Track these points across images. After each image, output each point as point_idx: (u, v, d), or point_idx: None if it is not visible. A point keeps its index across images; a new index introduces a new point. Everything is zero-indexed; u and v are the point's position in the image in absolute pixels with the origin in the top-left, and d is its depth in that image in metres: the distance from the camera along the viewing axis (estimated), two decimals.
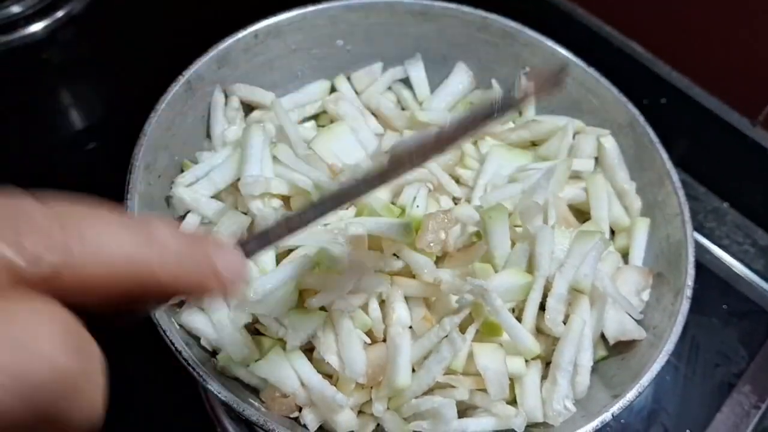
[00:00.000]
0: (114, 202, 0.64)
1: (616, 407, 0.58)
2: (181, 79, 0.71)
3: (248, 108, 0.80)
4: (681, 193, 0.71)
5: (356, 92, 0.83)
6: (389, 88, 0.85)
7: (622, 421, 0.80)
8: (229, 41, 0.75)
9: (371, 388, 0.62)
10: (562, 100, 0.83)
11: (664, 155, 0.74)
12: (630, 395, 0.59)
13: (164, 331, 0.58)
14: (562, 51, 0.81)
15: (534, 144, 0.81)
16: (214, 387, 0.56)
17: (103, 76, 1.03)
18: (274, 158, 0.69)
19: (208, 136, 0.76)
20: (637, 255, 0.74)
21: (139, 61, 1.01)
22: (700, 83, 0.99)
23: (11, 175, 0.83)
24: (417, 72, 0.84)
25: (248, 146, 0.68)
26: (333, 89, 0.84)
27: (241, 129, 0.72)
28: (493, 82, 0.84)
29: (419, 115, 0.78)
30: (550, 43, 0.81)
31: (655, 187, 0.75)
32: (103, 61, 1.03)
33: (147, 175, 0.66)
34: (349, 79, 0.84)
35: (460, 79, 0.83)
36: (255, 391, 0.64)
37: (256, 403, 0.62)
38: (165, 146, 0.70)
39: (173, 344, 0.58)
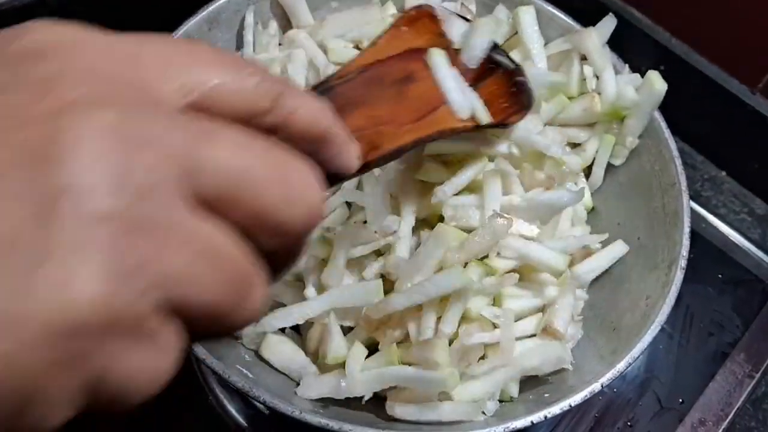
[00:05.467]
0: None
1: (605, 377, 0.58)
2: None
3: None
4: (678, 162, 0.71)
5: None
6: None
7: (614, 390, 0.80)
8: (220, 1, 0.73)
9: None
10: (563, 70, 0.81)
11: (662, 123, 0.73)
12: (620, 366, 0.59)
13: None
14: (561, 15, 0.79)
15: None
16: (200, 351, 0.56)
17: None
18: None
19: None
20: None
21: (132, 21, 0.98)
22: (699, 51, 0.98)
23: None
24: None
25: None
26: None
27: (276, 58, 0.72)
28: None
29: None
30: (548, 7, 0.79)
31: (652, 156, 0.74)
32: (94, 22, 1.01)
33: None
34: None
35: None
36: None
37: (245, 370, 0.61)
38: None
39: None
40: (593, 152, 0.76)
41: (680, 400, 0.80)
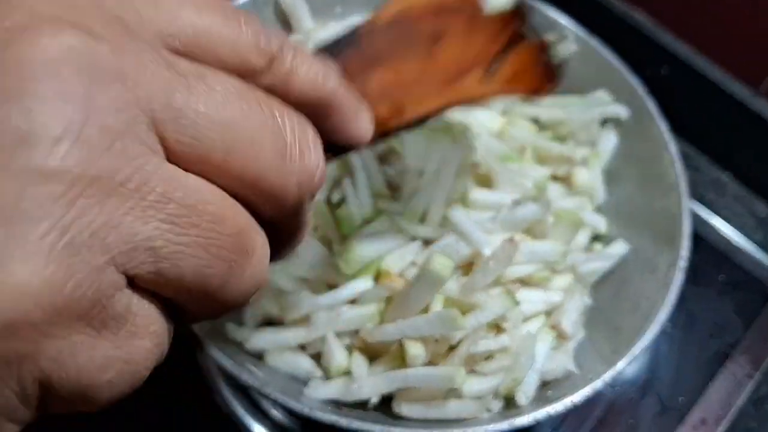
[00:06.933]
0: None
1: (607, 375, 0.59)
2: None
3: None
4: (678, 165, 0.72)
5: None
6: None
7: (617, 388, 0.82)
8: None
9: None
10: (563, 70, 0.82)
11: (663, 127, 0.74)
12: (620, 364, 0.60)
13: None
14: (563, 20, 0.80)
15: None
16: (211, 349, 0.57)
17: None
18: None
19: None
20: None
21: None
22: (702, 53, 0.99)
23: None
24: None
25: None
26: None
27: None
28: None
29: None
30: (551, 12, 0.80)
31: (653, 159, 0.75)
32: None
33: None
34: None
35: None
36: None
37: (254, 368, 0.62)
38: None
39: None
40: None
41: (681, 400, 0.81)
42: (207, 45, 0.25)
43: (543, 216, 0.66)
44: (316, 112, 0.30)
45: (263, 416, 0.75)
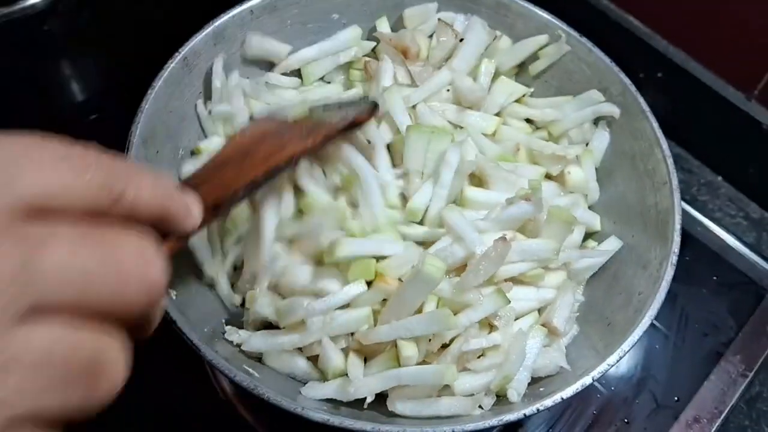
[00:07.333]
0: None
1: (596, 371, 0.60)
2: (178, 56, 0.72)
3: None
4: (670, 161, 0.72)
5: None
6: None
7: (612, 388, 0.82)
8: (225, 18, 0.76)
9: None
10: (556, 70, 0.84)
11: (654, 124, 0.75)
12: (611, 359, 0.60)
13: None
14: (556, 21, 0.82)
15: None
16: (208, 353, 0.58)
17: (104, 48, 1.03)
18: None
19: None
20: None
21: (140, 32, 1.01)
22: (696, 58, 1.00)
23: None
24: None
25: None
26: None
27: (235, 106, 0.74)
28: None
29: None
30: (545, 15, 0.82)
31: (645, 156, 0.75)
32: (104, 32, 1.03)
33: (145, 150, 0.68)
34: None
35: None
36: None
37: (251, 370, 0.63)
38: (162, 122, 0.70)
39: (168, 314, 0.59)
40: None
41: (675, 399, 0.82)
42: (62, 198, 0.31)
43: (536, 214, 0.67)
44: (161, 219, 0.37)
45: (266, 415, 0.76)
